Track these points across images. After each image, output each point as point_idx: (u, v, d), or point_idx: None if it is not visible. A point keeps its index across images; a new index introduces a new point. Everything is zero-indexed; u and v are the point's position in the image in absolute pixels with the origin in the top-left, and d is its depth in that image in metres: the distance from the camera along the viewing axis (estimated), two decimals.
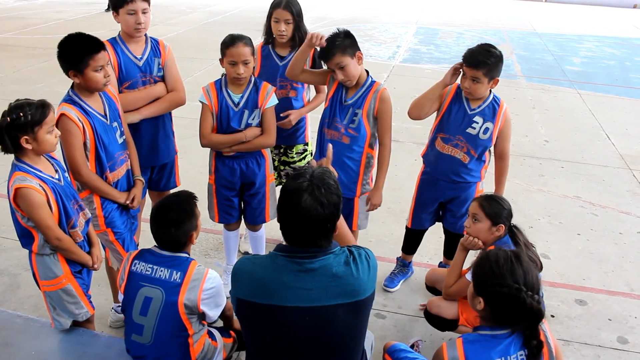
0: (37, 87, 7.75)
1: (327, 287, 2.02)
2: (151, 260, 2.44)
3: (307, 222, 2.01)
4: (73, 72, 2.76)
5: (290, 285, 2.02)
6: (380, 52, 10.95)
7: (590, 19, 16.72)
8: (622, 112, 7.94)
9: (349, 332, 2.10)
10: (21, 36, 11.24)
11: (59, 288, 2.69)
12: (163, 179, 3.71)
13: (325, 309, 2.02)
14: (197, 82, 6.71)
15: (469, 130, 3.34)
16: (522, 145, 6.52)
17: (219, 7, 15.86)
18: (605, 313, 3.67)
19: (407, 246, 3.86)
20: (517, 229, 2.94)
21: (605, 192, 5.43)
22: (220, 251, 4.15)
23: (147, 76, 3.39)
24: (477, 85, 3.23)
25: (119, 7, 3.24)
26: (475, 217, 2.94)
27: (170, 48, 3.57)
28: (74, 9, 14.58)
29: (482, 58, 3.18)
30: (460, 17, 15.95)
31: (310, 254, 2.04)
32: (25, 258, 3.90)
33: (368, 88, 3.31)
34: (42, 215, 2.49)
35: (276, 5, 3.65)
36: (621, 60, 11.28)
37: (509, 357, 2.04)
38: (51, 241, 2.57)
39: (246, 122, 3.33)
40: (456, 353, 2.07)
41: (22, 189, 2.44)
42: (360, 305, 2.07)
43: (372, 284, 2.11)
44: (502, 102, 3.35)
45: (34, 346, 2.73)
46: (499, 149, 3.42)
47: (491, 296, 2.09)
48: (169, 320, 2.38)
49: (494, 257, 2.14)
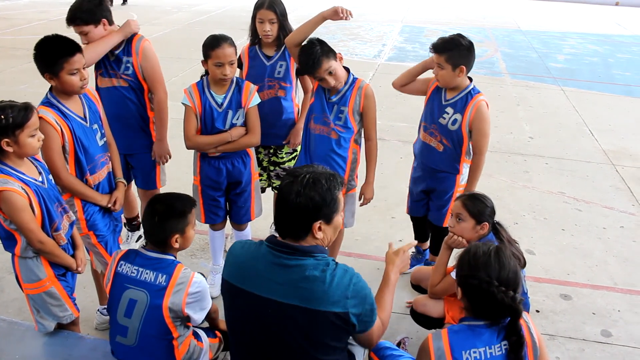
0: (20, 88, 7.68)
1: (296, 287, 2.02)
2: (137, 262, 2.43)
3: (281, 205, 2.09)
4: (49, 75, 2.73)
5: (263, 275, 2.07)
6: (365, 51, 10.97)
7: (574, 17, 16.86)
8: (605, 108, 8.02)
9: (309, 337, 2.04)
10: (4, 37, 11.12)
11: (43, 291, 2.67)
12: (137, 175, 3.72)
13: (287, 307, 2.02)
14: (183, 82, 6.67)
15: (441, 120, 3.42)
16: (506, 141, 6.56)
17: (204, 6, 15.80)
18: (589, 307, 3.71)
19: (416, 233, 3.98)
20: (500, 226, 2.96)
21: (589, 187, 5.49)
22: (206, 252, 4.14)
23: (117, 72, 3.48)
24: (442, 72, 3.29)
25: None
26: (459, 216, 2.95)
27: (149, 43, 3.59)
28: (58, 9, 14.42)
29: (446, 45, 3.25)
30: (445, 15, 16.02)
31: (290, 251, 2.07)
32: (8, 261, 3.86)
33: (351, 85, 3.32)
34: (24, 218, 2.46)
35: (259, 6, 3.65)
36: (604, 57, 11.39)
37: (493, 346, 2.10)
38: (34, 244, 2.54)
39: (230, 122, 3.33)
40: (441, 343, 2.12)
41: (3, 192, 2.41)
42: (320, 316, 2.00)
43: (346, 302, 2.02)
44: (476, 96, 3.35)
45: (18, 350, 2.71)
46: (473, 144, 3.42)
47: (465, 287, 2.19)
48: (153, 323, 2.37)
49: (474, 249, 2.23)
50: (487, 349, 2.08)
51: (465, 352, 2.08)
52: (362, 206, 3.53)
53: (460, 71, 3.29)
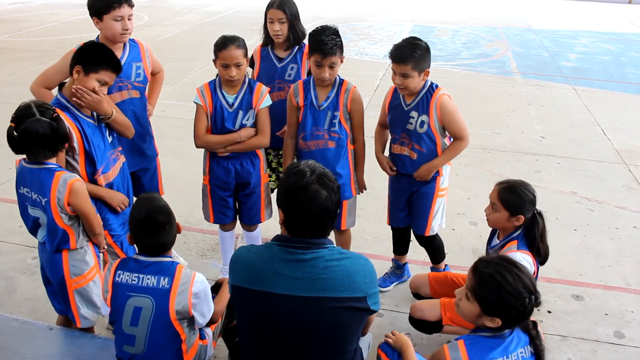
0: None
1: (316, 279, 2.06)
2: (136, 269, 2.38)
3: (321, 212, 2.09)
4: (78, 69, 2.78)
5: (280, 273, 2.08)
6: (376, 51, 10.95)
7: (586, 15, 16.74)
8: (617, 108, 7.95)
9: (335, 326, 2.10)
10: (16, 39, 11.22)
11: (91, 280, 2.79)
12: (143, 188, 3.65)
13: (311, 300, 2.06)
14: (193, 83, 6.70)
15: (408, 126, 3.30)
16: (518, 141, 6.52)
17: (214, 7, 15.85)
18: (602, 308, 3.68)
19: (395, 246, 3.83)
20: (540, 217, 2.90)
21: (602, 187, 5.44)
22: (216, 252, 4.15)
23: (125, 82, 3.32)
24: (408, 81, 3.16)
25: (103, 13, 3.17)
26: (493, 206, 2.92)
27: (149, 46, 3.59)
28: (69, 11, 14.55)
29: (408, 52, 3.13)
30: (456, 14, 15.96)
31: (304, 245, 2.10)
32: (21, 261, 3.93)
33: (339, 87, 3.32)
34: (90, 204, 2.67)
35: (270, 6, 3.68)
36: (616, 56, 11.29)
37: (510, 355, 2.08)
38: (95, 229, 2.72)
39: (241, 123, 3.34)
40: (459, 354, 2.09)
41: (76, 183, 2.59)
42: (344, 303, 2.07)
43: (365, 287, 2.10)
44: (436, 92, 3.23)
45: (31, 349, 2.72)
46: (452, 135, 3.30)
47: (510, 316, 2.06)
48: (161, 327, 2.34)
49: (500, 277, 2.06)
50: (505, 358, 2.08)
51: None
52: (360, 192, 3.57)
53: (425, 75, 3.19)
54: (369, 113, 3.78)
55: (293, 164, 2.21)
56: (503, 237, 2.99)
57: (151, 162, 3.68)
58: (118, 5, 3.15)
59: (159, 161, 3.76)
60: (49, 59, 9.48)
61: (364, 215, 3.67)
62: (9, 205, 4.67)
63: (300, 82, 3.40)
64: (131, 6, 3.25)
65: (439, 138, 3.28)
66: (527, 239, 2.91)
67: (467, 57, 10.55)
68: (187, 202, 4.59)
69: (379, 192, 4.68)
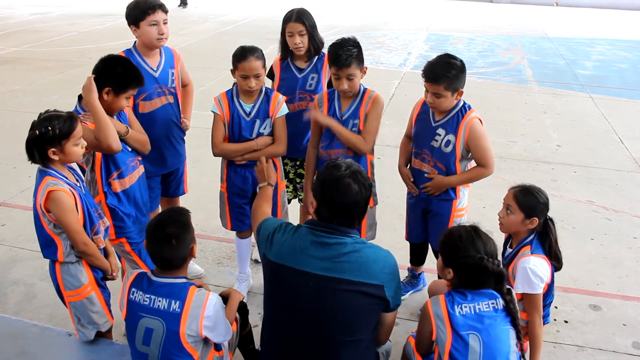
0: (52, 99, 7.86)
1: (335, 262, 2.24)
2: (149, 290, 2.37)
3: (351, 205, 2.28)
4: (108, 90, 2.83)
5: (303, 251, 2.27)
6: (391, 59, 10.97)
7: (602, 22, 16.62)
8: (635, 116, 7.87)
9: (346, 308, 2.23)
10: (36, 49, 11.40)
11: (84, 297, 2.72)
12: (172, 186, 3.77)
13: (327, 279, 2.22)
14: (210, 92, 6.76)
15: (433, 142, 3.22)
16: (534, 150, 6.49)
17: (230, 17, 15.98)
18: (619, 318, 3.64)
19: (412, 258, 3.82)
20: (552, 223, 2.94)
21: (619, 196, 5.39)
22: (232, 259, 4.18)
23: (163, 88, 3.47)
24: (440, 100, 3.08)
25: (140, 20, 3.33)
26: (509, 207, 2.94)
27: (180, 55, 3.70)
28: (88, 21, 14.77)
29: (442, 71, 3.03)
30: (471, 22, 15.93)
31: (330, 230, 2.29)
32: (40, 268, 3.98)
33: (361, 97, 3.31)
34: (71, 219, 2.55)
35: (288, 19, 3.67)
36: (634, 63, 11.19)
37: (481, 303, 2.37)
38: (78, 246, 2.61)
39: (258, 132, 3.37)
40: (439, 307, 2.38)
41: (55, 192, 2.51)
42: (359, 287, 2.21)
43: (383, 276, 2.26)
44: (469, 113, 3.14)
45: (50, 355, 2.77)
46: (477, 161, 3.23)
47: (459, 267, 2.41)
48: (173, 349, 2.33)
49: (457, 232, 2.46)
50: (476, 305, 2.36)
51: (457, 306, 2.36)
52: None
53: (458, 94, 3.10)
54: (383, 122, 3.77)
55: (332, 160, 2.40)
56: (516, 244, 2.99)
57: (182, 162, 3.83)
58: (152, 11, 3.33)
59: (185, 163, 3.90)
60: (68, 68, 9.64)
61: (380, 224, 3.67)
62: (28, 213, 4.70)
63: (325, 93, 3.41)
64: (165, 12, 3.41)
65: (459, 160, 3.21)
66: (542, 245, 2.93)
67: (482, 65, 10.53)
68: (203, 210, 4.63)
69: (394, 202, 4.69)
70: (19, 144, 2.81)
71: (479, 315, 2.34)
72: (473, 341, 2.31)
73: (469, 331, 2.32)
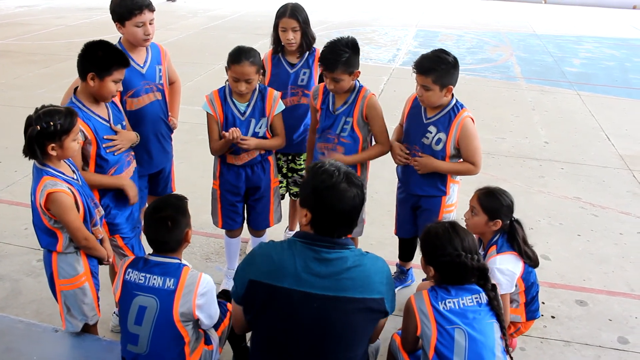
0: (38, 92, 7.76)
1: (339, 279, 2.11)
2: (144, 268, 2.43)
3: (350, 210, 2.16)
4: (92, 75, 2.78)
5: (304, 270, 2.10)
6: (380, 55, 10.97)
7: (590, 20, 16.74)
8: (621, 113, 7.94)
9: (350, 326, 2.14)
10: (22, 42, 11.27)
11: (77, 287, 2.72)
12: (160, 185, 3.72)
13: (332, 299, 2.09)
14: (198, 87, 6.74)
15: (423, 139, 3.21)
16: (521, 146, 6.53)
17: (219, 11, 15.90)
18: (605, 313, 3.68)
19: (401, 253, 3.83)
20: (518, 224, 2.98)
21: (606, 192, 5.44)
22: (220, 255, 4.16)
23: (151, 84, 3.41)
24: (428, 93, 3.07)
25: (125, 19, 3.22)
26: (473, 209, 3.00)
27: (167, 51, 3.65)
28: (75, 14, 14.62)
29: (431, 64, 3.03)
30: (460, 19, 15.98)
31: (329, 245, 2.14)
32: (26, 263, 3.95)
33: (356, 95, 3.30)
34: (71, 217, 2.55)
35: (281, 15, 3.65)
36: (620, 61, 11.29)
37: (465, 298, 2.39)
38: (79, 242, 2.63)
39: (253, 131, 3.34)
40: (423, 302, 2.39)
41: (54, 194, 2.49)
42: (363, 304, 2.12)
43: (382, 288, 2.17)
44: (461, 112, 3.14)
45: (36, 351, 2.74)
46: (465, 159, 3.22)
47: (438, 265, 2.43)
48: (165, 328, 2.36)
49: (434, 230, 2.48)
50: (460, 300, 2.38)
51: (441, 302, 2.38)
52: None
53: (447, 91, 3.08)
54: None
55: (316, 164, 2.25)
56: (485, 246, 3.05)
57: (170, 160, 3.77)
58: (139, 12, 3.20)
59: (173, 161, 3.85)
60: (54, 62, 9.54)
61: (368, 219, 3.68)
62: (14, 208, 4.68)
63: (322, 86, 3.40)
64: (152, 11, 3.30)
65: (449, 157, 3.21)
66: (510, 245, 2.98)
67: (471, 62, 10.56)
68: (191, 205, 4.47)
69: (382, 197, 4.70)
70: (3, 139, 2.78)
71: (463, 310, 2.36)
72: (458, 335, 2.32)
73: (454, 325, 2.34)
